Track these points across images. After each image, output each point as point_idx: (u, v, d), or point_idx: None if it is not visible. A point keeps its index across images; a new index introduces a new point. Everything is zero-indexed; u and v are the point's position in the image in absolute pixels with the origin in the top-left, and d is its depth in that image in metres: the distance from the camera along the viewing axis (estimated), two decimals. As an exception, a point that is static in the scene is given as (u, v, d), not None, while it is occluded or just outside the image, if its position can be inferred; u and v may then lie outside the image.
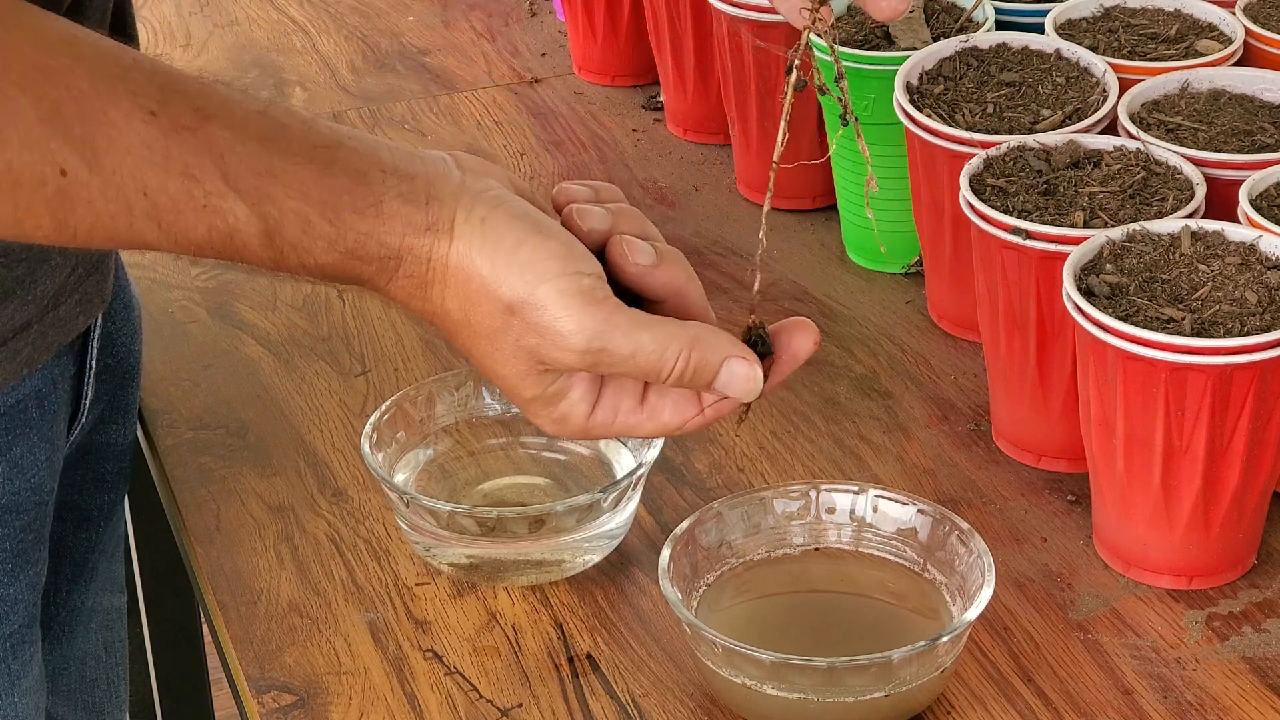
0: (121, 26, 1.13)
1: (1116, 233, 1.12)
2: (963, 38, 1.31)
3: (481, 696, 1.05)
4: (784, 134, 0.95)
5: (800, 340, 0.96)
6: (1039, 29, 1.34)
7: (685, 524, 1.07)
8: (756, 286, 0.99)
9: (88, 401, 1.16)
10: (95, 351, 1.15)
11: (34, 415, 1.09)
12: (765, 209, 0.98)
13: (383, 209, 0.89)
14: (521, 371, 0.91)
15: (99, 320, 1.16)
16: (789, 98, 0.94)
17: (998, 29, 1.35)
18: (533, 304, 0.89)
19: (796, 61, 0.94)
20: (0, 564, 1.09)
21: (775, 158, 0.95)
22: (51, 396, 1.10)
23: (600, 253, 0.93)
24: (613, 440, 1.15)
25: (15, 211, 0.84)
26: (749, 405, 0.96)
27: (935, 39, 1.34)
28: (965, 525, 1.06)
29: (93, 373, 1.15)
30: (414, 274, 0.90)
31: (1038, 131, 1.23)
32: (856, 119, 0.96)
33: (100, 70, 0.85)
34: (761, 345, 0.95)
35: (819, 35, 0.97)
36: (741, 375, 0.93)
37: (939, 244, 1.30)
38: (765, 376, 0.95)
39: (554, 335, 0.90)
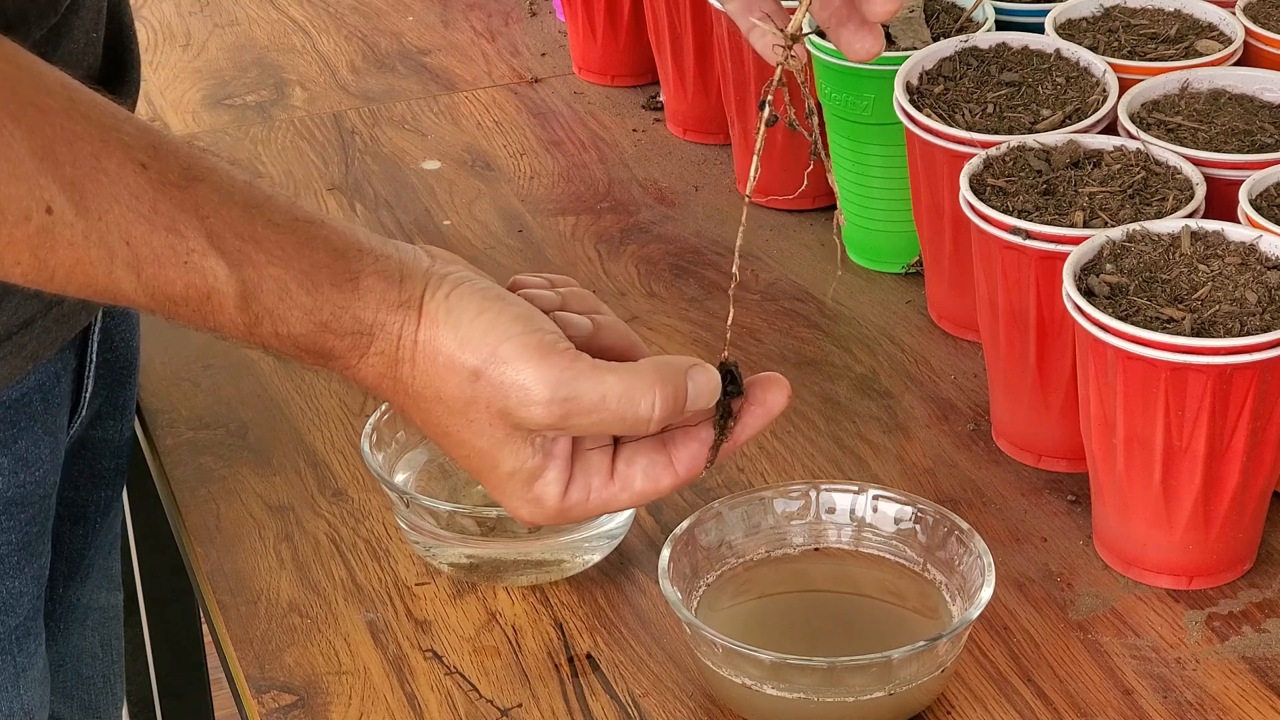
0: (120, 70, 1.13)
1: (1116, 233, 1.12)
2: (963, 38, 1.31)
3: (481, 696, 1.05)
4: (756, 168, 0.95)
5: (774, 395, 0.98)
6: (1039, 29, 1.34)
7: (685, 524, 1.07)
8: (730, 320, 0.99)
9: (87, 395, 1.16)
10: (95, 346, 1.16)
11: (38, 409, 1.09)
12: (738, 241, 0.99)
13: (359, 284, 0.91)
14: (499, 440, 0.93)
15: (99, 315, 1.16)
16: (761, 133, 0.95)
17: (998, 29, 1.35)
18: (496, 361, 0.91)
19: (769, 97, 0.95)
20: (6, 557, 1.10)
21: (747, 191, 0.96)
22: (55, 390, 1.11)
23: None
24: None
25: None
26: (716, 451, 0.96)
27: (935, 39, 1.34)
28: (965, 525, 1.06)
29: (93, 366, 1.16)
30: (384, 351, 0.92)
31: (1038, 131, 1.23)
32: (828, 155, 0.97)
33: (96, 117, 0.87)
34: (732, 383, 0.96)
35: (794, 72, 0.97)
36: (704, 381, 0.95)
37: (939, 244, 1.30)
38: (735, 416, 0.96)
39: (518, 391, 0.91)
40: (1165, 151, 1.19)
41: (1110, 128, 1.24)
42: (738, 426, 0.97)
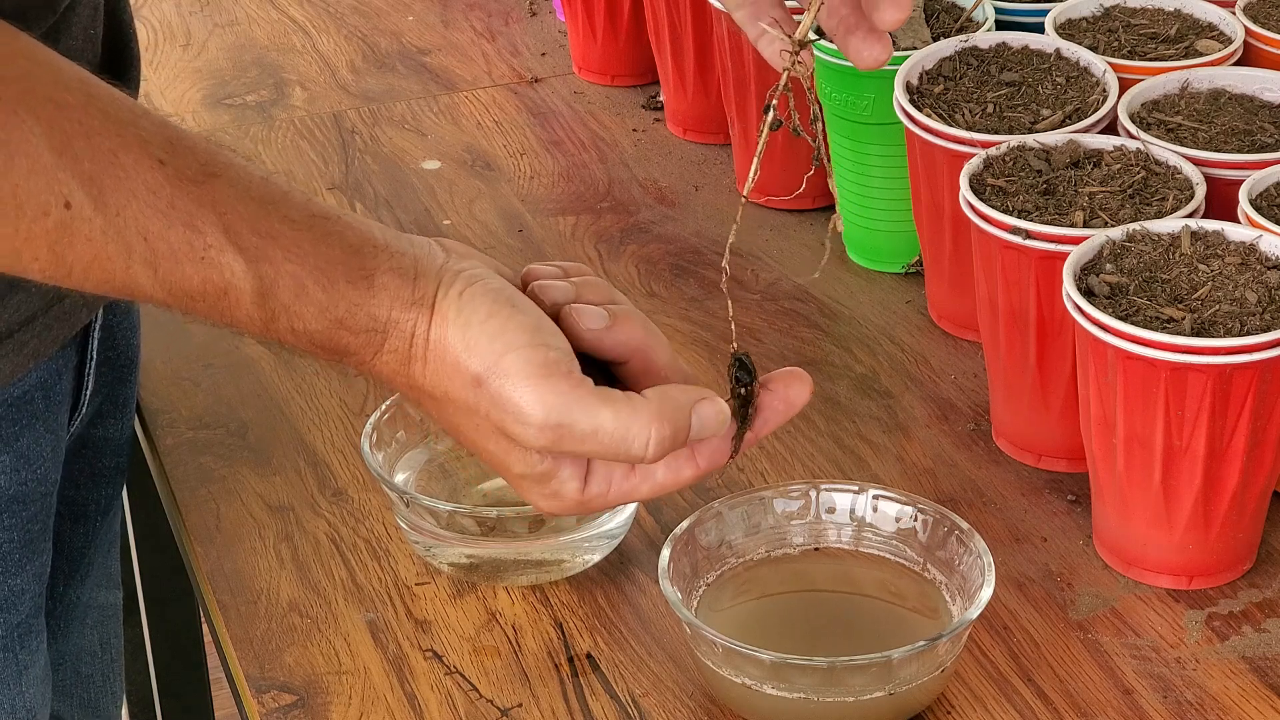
0: (120, 68, 1.13)
1: (1116, 232, 1.12)
2: (963, 38, 1.31)
3: (481, 696, 1.05)
4: (756, 170, 0.95)
5: (796, 389, 0.97)
6: (1039, 29, 1.34)
7: (685, 524, 1.07)
8: (731, 313, 0.99)
9: (88, 393, 1.16)
10: (96, 343, 1.16)
11: (39, 406, 1.09)
12: (730, 239, 0.98)
13: (374, 281, 0.91)
14: (504, 448, 0.93)
15: (100, 312, 1.16)
16: (764, 137, 0.95)
17: (998, 29, 1.35)
18: (498, 373, 0.90)
19: (774, 102, 0.95)
20: (8, 554, 1.10)
21: (744, 191, 0.96)
22: (56, 388, 1.11)
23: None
24: None
25: (14, 240, 0.85)
26: (740, 441, 0.96)
27: (935, 39, 1.34)
28: (965, 525, 1.06)
29: (93, 364, 1.16)
30: (398, 349, 0.91)
31: (1038, 131, 1.23)
32: (829, 160, 0.97)
33: (114, 113, 0.87)
34: (744, 372, 0.96)
35: (801, 78, 0.97)
36: (711, 416, 0.94)
37: (939, 244, 1.30)
38: (754, 404, 0.96)
39: (514, 409, 0.90)
40: (1165, 151, 1.19)
41: (1110, 127, 1.24)
42: (759, 420, 0.97)
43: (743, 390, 0.96)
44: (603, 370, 0.96)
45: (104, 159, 0.85)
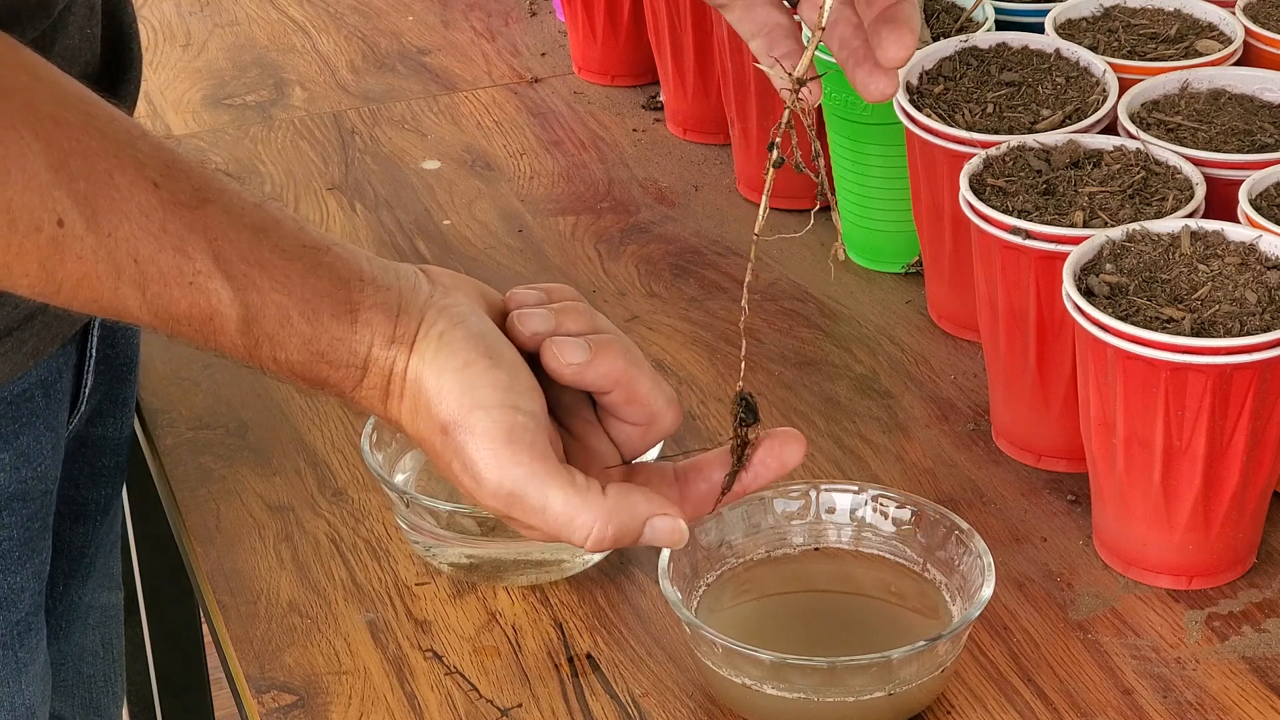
0: (120, 69, 1.13)
1: (1116, 233, 1.12)
2: (963, 38, 1.31)
3: (481, 696, 1.05)
4: (765, 208, 0.95)
5: (790, 450, 0.98)
6: (1039, 29, 1.34)
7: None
8: (744, 352, 0.99)
9: (87, 391, 1.16)
10: (95, 341, 1.16)
11: (39, 404, 1.09)
12: (747, 278, 0.98)
13: (358, 317, 0.91)
14: (469, 490, 0.93)
15: None
16: (770, 176, 0.94)
17: (998, 29, 1.35)
18: (464, 428, 0.91)
19: (777, 139, 0.95)
20: (8, 552, 1.10)
21: (756, 230, 0.96)
22: (56, 386, 1.11)
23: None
24: None
25: (5, 254, 0.86)
26: (733, 479, 0.97)
27: (935, 39, 1.34)
28: (965, 525, 1.06)
29: (92, 362, 1.16)
30: (376, 385, 0.92)
31: (1038, 131, 1.23)
32: (834, 194, 0.97)
33: (112, 134, 0.87)
34: (748, 412, 0.96)
35: (802, 114, 0.97)
36: (665, 530, 0.94)
37: (939, 244, 1.30)
38: (754, 444, 0.97)
39: (472, 468, 0.91)
40: (1165, 151, 1.19)
41: (1110, 128, 1.24)
42: (749, 475, 0.97)
43: (744, 432, 0.97)
44: (586, 398, 0.96)
45: (99, 179, 0.86)
